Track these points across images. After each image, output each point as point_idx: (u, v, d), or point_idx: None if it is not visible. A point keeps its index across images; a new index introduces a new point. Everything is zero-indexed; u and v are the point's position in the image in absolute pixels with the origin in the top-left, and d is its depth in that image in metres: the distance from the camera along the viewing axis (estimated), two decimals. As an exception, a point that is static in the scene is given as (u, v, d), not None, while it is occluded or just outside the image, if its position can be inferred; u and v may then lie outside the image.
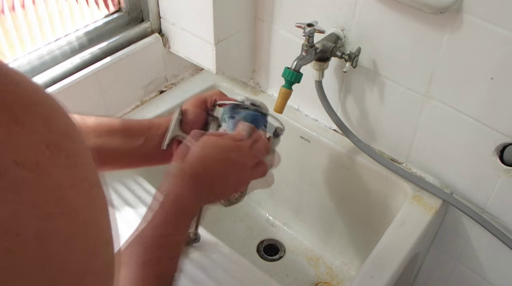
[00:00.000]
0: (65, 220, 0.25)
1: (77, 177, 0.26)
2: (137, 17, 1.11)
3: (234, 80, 1.19)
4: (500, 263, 0.98)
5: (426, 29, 0.82)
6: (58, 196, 0.24)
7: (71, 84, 0.97)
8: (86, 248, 0.27)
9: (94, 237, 0.28)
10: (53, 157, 0.24)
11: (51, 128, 0.25)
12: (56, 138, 0.25)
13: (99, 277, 0.29)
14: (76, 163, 0.26)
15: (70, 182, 0.25)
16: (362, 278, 0.81)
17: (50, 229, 0.24)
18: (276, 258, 1.21)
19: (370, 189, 1.05)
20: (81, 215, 0.26)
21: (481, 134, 0.86)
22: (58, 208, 0.24)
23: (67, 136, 0.26)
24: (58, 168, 0.25)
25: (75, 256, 0.26)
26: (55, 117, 0.26)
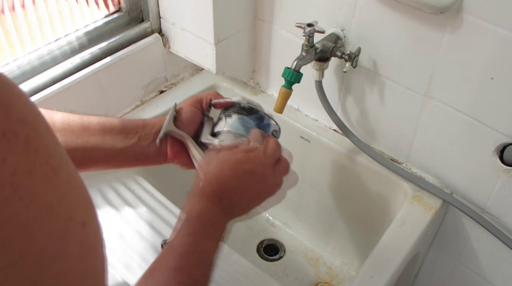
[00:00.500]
0: (24, 205, 0.25)
1: (37, 162, 0.26)
2: (137, 17, 1.11)
3: (234, 80, 1.19)
4: (500, 263, 0.98)
5: (426, 29, 0.82)
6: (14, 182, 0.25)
7: (71, 84, 0.97)
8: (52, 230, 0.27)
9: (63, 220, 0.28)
10: (9, 144, 0.25)
11: (8, 115, 0.25)
12: (13, 126, 0.25)
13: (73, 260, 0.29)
14: (36, 148, 0.26)
15: (28, 168, 0.26)
16: (362, 278, 0.81)
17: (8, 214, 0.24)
18: (276, 258, 1.21)
19: (370, 189, 1.05)
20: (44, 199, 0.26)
21: (481, 134, 0.86)
22: (15, 194, 0.25)
23: (26, 123, 0.26)
24: (15, 154, 0.25)
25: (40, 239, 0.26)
26: (13, 105, 0.26)
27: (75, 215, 0.29)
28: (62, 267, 0.28)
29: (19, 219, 0.25)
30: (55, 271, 0.27)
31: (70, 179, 0.29)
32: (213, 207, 0.60)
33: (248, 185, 0.64)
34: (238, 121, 0.72)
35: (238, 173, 0.63)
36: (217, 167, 0.63)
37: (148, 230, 0.88)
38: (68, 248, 0.28)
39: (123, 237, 0.87)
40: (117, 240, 0.86)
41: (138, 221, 0.89)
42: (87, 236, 0.30)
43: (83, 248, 0.30)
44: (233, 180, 0.63)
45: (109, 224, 0.88)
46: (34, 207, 0.26)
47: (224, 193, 0.62)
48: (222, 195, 0.61)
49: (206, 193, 0.61)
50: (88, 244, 0.30)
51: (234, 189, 0.62)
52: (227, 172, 0.63)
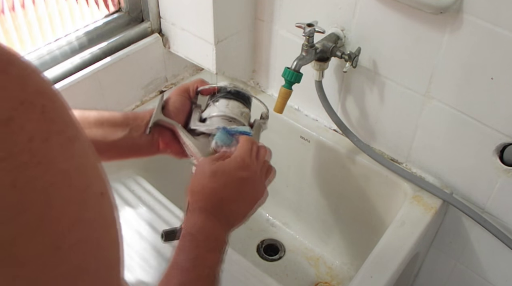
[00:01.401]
0: (42, 169, 0.26)
1: (53, 131, 0.28)
2: (137, 17, 1.11)
3: (234, 80, 1.19)
4: (500, 263, 0.98)
5: (426, 29, 0.82)
6: (32, 147, 0.26)
7: (71, 84, 0.97)
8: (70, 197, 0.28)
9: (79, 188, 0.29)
10: (27, 112, 0.26)
11: (24, 87, 0.27)
12: (30, 96, 0.27)
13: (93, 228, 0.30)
14: (52, 118, 0.28)
15: (44, 135, 0.27)
16: (362, 278, 0.81)
17: (26, 177, 0.26)
18: (276, 258, 1.21)
19: (370, 189, 1.05)
20: (61, 165, 0.28)
21: (481, 134, 0.86)
22: (33, 158, 0.26)
23: (42, 94, 0.28)
24: (31, 122, 0.26)
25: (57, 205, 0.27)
26: (29, 77, 0.28)
27: (92, 184, 0.30)
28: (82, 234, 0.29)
29: (37, 183, 0.26)
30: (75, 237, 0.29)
31: (86, 150, 0.31)
32: (215, 220, 0.61)
33: (244, 192, 0.64)
34: (225, 105, 0.72)
35: (234, 181, 0.63)
36: (213, 180, 0.63)
37: (148, 230, 0.88)
38: (87, 215, 0.30)
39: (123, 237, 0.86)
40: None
41: (138, 221, 0.89)
42: (106, 206, 0.32)
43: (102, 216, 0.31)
44: (230, 190, 0.63)
45: (109, 224, 0.88)
46: (51, 172, 0.27)
47: (223, 204, 0.62)
48: (222, 206, 0.62)
49: (207, 208, 0.62)
50: (107, 214, 0.32)
51: (231, 199, 0.63)
52: (223, 182, 0.63)
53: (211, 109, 0.73)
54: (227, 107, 0.72)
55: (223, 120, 0.71)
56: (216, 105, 0.72)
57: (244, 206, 0.65)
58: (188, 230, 0.60)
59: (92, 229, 0.30)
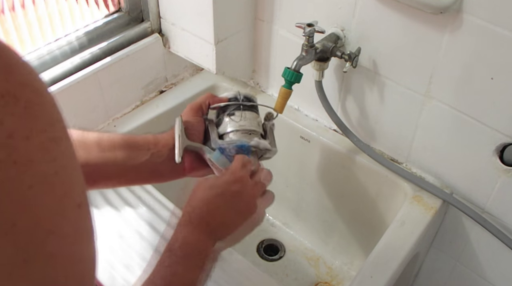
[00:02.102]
0: (19, 170, 0.24)
1: (35, 129, 0.25)
2: (137, 17, 1.11)
3: (234, 80, 1.19)
4: (500, 263, 0.98)
5: (426, 29, 0.82)
6: (10, 144, 0.24)
7: (71, 84, 0.97)
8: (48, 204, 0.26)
9: (59, 194, 0.27)
10: (8, 105, 0.24)
11: (9, 78, 0.25)
12: (14, 88, 0.25)
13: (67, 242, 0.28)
14: (36, 115, 0.26)
15: (25, 133, 0.25)
16: (362, 278, 0.81)
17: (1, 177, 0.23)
18: (276, 258, 1.21)
19: (370, 189, 1.05)
20: (40, 168, 0.25)
21: (481, 134, 0.86)
22: (10, 157, 0.24)
23: (28, 87, 0.26)
24: (13, 117, 0.24)
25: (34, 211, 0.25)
26: (16, 68, 0.25)
27: (71, 192, 0.28)
28: (55, 247, 0.27)
29: (13, 184, 0.24)
30: (47, 250, 0.26)
31: (69, 155, 0.28)
32: (200, 234, 0.59)
33: (234, 205, 0.63)
34: (241, 117, 0.71)
35: (224, 193, 0.62)
36: (203, 192, 0.62)
37: (148, 230, 0.88)
38: (63, 227, 0.27)
39: (123, 237, 0.87)
40: (117, 240, 0.86)
41: (138, 221, 0.89)
42: (82, 219, 0.29)
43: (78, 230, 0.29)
44: (219, 202, 0.62)
45: (109, 224, 0.88)
46: (30, 173, 0.25)
47: (210, 216, 0.61)
48: (209, 218, 0.60)
49: (192, 220, 0.60)
50: (82, 227, 0.29)
51: (220, 211, 0.62)
52: (214, 193, 0.62)
53: (227, 124, 0.72)
54: (244, 120, 0.71)
55: (243, 134, 0.71)
56: (232, 119, 0.72)
57: (234, 220, 0.63)
58: (169, 246, 0.58)
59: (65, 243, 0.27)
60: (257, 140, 0.70)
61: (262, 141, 0.71)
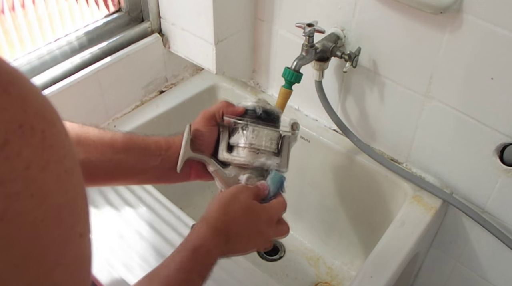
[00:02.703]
0: (35, 203, 0.24)
1: (52, 160, 0.25)
2: (137, 17, 1.11)
3: (234, 80, 1.19)
4: (500, 263, 0.98)
5: (426, 29, 0.82)
6: (28, 176, 0.24)
7: (71, 84, 0.97)
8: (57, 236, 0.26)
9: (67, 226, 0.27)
10: (25, 137, 0.24)
11: (26, 109, 0.24)
12: (31, 119, 0.24)
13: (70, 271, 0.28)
14: (52, 146, 0.26)
15: (42, 164, 0.25)
16: (362, 278, 0.81)
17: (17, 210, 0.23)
18: (276, 258, 1.21)
19: (370, 189, 1.05)
20: (54, 200, 0.25)
21: (481, 134, 0.86)
22: (27, 190, 0.24)
23: (44, 119, 0.26)
24: (30, 148, 0.24)
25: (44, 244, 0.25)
26: (32, 100, 0.25)
27: (77, 223, 0.28)
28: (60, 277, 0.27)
29: (28, 217, 0.24)
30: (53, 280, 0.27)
31: (79, 185, 0.29)
32: (217, 246, 0.61)
33: (254, 230, 0.64)
34: (253, 134, 0.69)
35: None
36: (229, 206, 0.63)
37: (148, 230, 0.88)
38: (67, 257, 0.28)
39: (123, 237, 0.87)
40: (117, 240, 0.86)
41: (138, 221, 0.89)
42: (83, 248, 0.30)
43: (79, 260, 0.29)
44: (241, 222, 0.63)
45: (109, 224, 0.88)
46: (44, 207, 0.25)
47: (233, 233, 0.62)
48: (231, 235, 0.62)
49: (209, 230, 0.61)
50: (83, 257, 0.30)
51: (239, 232, 0.63)
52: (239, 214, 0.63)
53: (239, 137, 0.70)
54: (255, 138, 0.69)
55: (251, 153, 0.69)
56: (244, 133, 0.69)
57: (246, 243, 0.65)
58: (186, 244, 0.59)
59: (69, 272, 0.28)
60: (262, 161, 0.69)
61: (268, 162, 0.70)
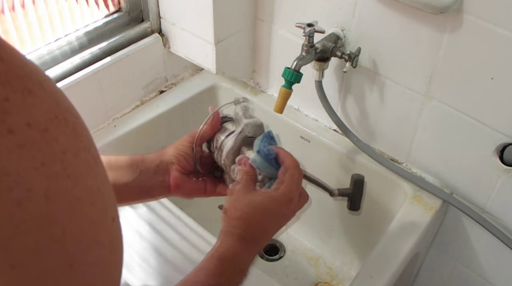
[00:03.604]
0: (72, 182, 0.27)
1: (81, 147, 0.29)
2: (137, 17, 1.11)
3: (234, 80, 1.19)
4: (500, 263, 0.98)
5: (426, 29, 0.82)
6: (64, 159, 0.27)
7: (71, 84, 0.97)
8: (91, 215, 0.29)
9: (99, 207, 0.30)
10: (61, 125, 0.27)
11: (59, 102, 0.28)
12: (63, 111, 0.28)
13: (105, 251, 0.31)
14: (81, 135, 0.29)
15: (75, 150, 0.28)
16: (362, 278, 0.81)
17: (57, 188, 0.26)
18: (276, 258, 1.21)
19: (370, 189, 1.05)
20: (86, 182, 0.29)
21: (481, 134, 0.86)
22: (65, 171, 0.27)
23: (72, 113, 0.29)
24: (65, 136, 0.27)
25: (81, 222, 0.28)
26: (61, 96, 0.29)
27: (108, 207, 0.31)
28: (97, 256, 0.30)
29: (66, 196, 0.27)
30: (90, 258, 0.29)
31: (104, 172, 0.32)
32: (249, 252, 0.62)
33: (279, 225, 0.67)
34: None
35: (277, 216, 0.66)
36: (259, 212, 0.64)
37: (148, 230, 0.88)
38: (101, 238, 0.30)
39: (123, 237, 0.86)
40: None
41: (138, 221, 0.89)
42: (115, 232, 0.32)
43: (113, 242, 0.32)
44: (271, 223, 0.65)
45: (109, 224, 0.88)
46: (79, 187, 0.28)
47: (261, 233, 0.64)
48: (259, 237, 0.64)
49: (247, 238, 0.62)
50: (116, 240, 0.32)
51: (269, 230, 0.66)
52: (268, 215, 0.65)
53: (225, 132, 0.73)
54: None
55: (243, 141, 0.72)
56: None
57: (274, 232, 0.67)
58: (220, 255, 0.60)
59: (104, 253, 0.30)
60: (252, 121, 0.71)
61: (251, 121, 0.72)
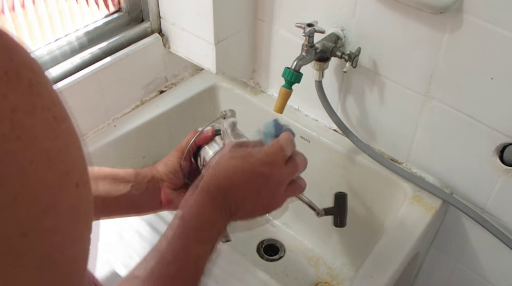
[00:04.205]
0: (22, 145, 0.25)
1: (39, 106, 0.26)
2: (137, 17, 1.11)
3: (234, 80, 1.19)
4: (500, 263, 0.98)
5: (426, 29, 0.82)
6: (14, 119, 0.24)
7: (71, 84, 0.97)
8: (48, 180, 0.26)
9: (59, 172, 0.27)
10: (11, 82, 0.25)
11: (12, 58, 0.25)
12: (16, 67, 0.25)
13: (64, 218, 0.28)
14: (40, 93, 0.26)
15: (29, 109, 0.25)
16: (362, 278, 0.81)
17: (4, 150, 0.24)
18: (276, 258, 1.21)
19: (370, 189, 1.05)
20: (43, 144, 0.26)
21: (481, 134, 0.86)
22: (14, 131, 0.24)
23: (30, 68, 0.27)
24: (16, 93, 0.25)
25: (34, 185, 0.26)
26: (18, 49, 0.26)
27: (71, 171, 0.28)
28: (53, 223, 0.27)
29: (16, 158, 0.24)
30: (46, 225, 0.27)
31: (71, 133, 0.29)
32: (215, 206, 0.56)
33: (260, 188, 0.58)
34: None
35: (252, 172, 0.58)
36: (229, 161, 0.58)
37: (148, 230, 0.88)
38: (61, 204, 0.28)
39: (123, 237, 0.87)
40: (117, 240, 0.86)
41: (138, 221, 0.89)
42: (79, 199, 0.29)
43: (75, 210, 0.29)
44: (243, 179, 0.57)
45: (109, 224, 0.88)
46: (32, 149, 0.25)
47: (230, 190, 0.57)
48: (228, 192, 0.56)
49: (209, 189, 0.56)
50: (80, 208, 0.29)
51: (242, 189, 0.57)
52: (241, 168, 0.58)
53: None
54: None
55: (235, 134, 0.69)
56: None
57: (253, 203, 0.59)
58: (183, 214, 0.55)
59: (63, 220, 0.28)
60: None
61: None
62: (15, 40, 0.27)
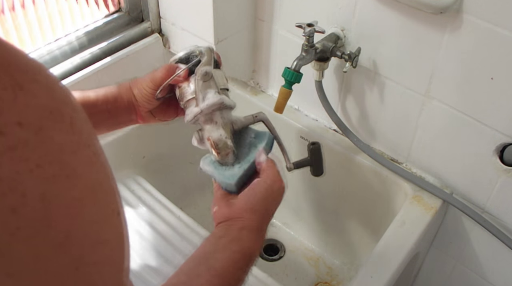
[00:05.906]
0: (71, 183, 0.25)
1: (81, 143, 0.27)
2: (137, 17, 1.11)
3: (234, 80, 1.19)
4: (500, 263, 0.98)
5: (426, 29, 0.82)
6: (62, 159, 0.25)
7: (71, 84, 0.97)
8: (95, 215, 0.27)
9: (102, 205, 0.28)
10: (56, 122, 0.25)
11: (54, 95, 0.26)
12: (59, 105, 0.26)
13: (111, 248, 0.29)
14: (80, 130, 0.27)
15: (73, 148, 0.26)
16: (362, 278, 0.81)
17: (55, 191, 0.24)
18: (276, 258, 1.21)
19: (370, 189, 1.05)
20: (87, 181, 0.27)
21: (481, 134, 0.86)
22: (63, 171, 0.25)
23: (68, 105, 0.27)
24: (61, 133, 0.25)
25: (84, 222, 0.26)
26: (56, 86, 0.27)
27: (112, 202, 0.29)
28: (102, 255, 0.28)
29: (65, 198, 0.25)
30: (95, 258, 0.28)
31: (106, 165, 0.30)
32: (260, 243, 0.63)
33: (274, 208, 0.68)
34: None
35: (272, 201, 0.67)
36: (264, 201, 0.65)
37: (148, 230, 0.88)
38: (107, 235, 0.29)
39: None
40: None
41: (138, 221, 0.89)
42: (121, 226, 0.31)
43: (118, 237, 0.30)
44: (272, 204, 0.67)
45: (109, 224, 0.88)
46: (79, 187, 0.26)
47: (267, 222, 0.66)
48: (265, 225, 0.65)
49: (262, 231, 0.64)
50: (122, 234, 0.31)
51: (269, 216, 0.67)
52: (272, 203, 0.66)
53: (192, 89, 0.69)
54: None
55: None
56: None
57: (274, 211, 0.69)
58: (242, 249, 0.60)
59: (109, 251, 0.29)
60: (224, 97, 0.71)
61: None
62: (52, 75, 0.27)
